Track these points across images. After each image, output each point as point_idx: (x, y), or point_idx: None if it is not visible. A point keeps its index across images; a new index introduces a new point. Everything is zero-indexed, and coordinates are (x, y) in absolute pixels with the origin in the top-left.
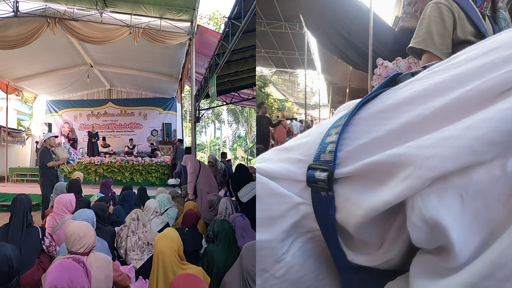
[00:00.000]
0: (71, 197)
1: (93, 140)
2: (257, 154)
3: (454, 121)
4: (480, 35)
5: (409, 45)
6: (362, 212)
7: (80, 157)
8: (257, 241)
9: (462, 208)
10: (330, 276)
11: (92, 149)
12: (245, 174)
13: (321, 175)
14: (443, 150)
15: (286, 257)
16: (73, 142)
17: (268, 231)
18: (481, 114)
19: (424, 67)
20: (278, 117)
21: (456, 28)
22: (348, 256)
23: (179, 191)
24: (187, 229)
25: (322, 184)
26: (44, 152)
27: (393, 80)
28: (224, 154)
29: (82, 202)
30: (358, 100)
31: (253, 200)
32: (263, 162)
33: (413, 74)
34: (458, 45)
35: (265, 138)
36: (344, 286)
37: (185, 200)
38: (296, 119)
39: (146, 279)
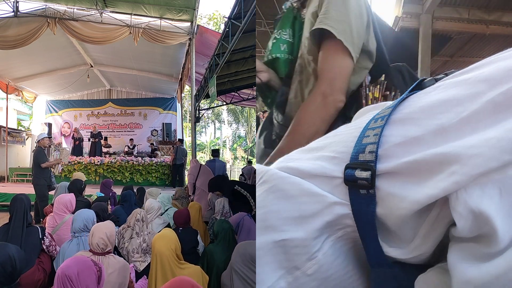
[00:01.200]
0: (71, 197)
1: (95, 140)
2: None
3: (488, 122)
4: None
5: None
6: (406, 205)
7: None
8: (288, 239)
9: (501, 199)
10: (356, 274)
11: (95, 149)
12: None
13: (362, 174)
14: (488, 150)
15: (318, 255)
16: (79, 142)
17: (301, 229)
18: None
19: (446, 74)
20: None
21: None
22: (384, 249)
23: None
24: (181, 228)
25: (363, 182)
26: (39, 152)
27: (419, 85)
28: (215, 152)
29: (82, 202)
30: (388, 103)
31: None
32: (291, 162)
33: (436, 80)
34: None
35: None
36: (377, 282)
37: (190, 199)
38: None
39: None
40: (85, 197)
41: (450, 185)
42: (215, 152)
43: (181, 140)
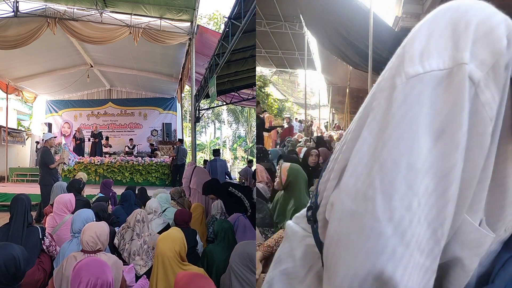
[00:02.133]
0: (71, 197)
1: (95, 140)
2: (257, 154)
3: None
4: None
5: None
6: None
7: (73, 163)
8: (286, 268)
9: None
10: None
11: (95, 149)
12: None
13: (308, 213)
14: None
15: (306, 278)
16: (80, 142)
17: (292, 261)
18: None
19: None
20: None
21: None
22: None
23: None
24: (180, 229)
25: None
26: (46, 152)
27: None
28: (216, 152)
29: (81, 202)
30: None
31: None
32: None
33: None
34: None
35: (260, 139)
36: None
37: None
38: (282, 127)
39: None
40: (85, 196)
41: None
42: (216, 152)
43: (181, 140)
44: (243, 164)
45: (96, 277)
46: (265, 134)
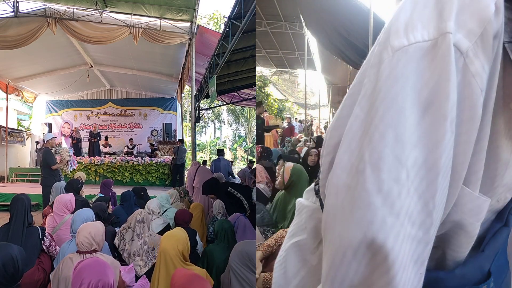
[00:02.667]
0: (71, 197)
1: (93, 140)
2: (261, 153)
3: None
4: None
5: None
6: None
7: (75, 166)
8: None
9: None
10: None
11: (93, 149)
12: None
13: (315, 187)
14: None
15: (317, 250)
16: (77, 142)
17: (305, 233)
18: None
19: None
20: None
21: None
22: None
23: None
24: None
25: (317, 191)
26: (48, 153)
27: None
28: (220, 151)
29: (79, 202)
30: None
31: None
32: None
33: None
34: None
35: (260, 139)
36: None
37: (187, 200)
38: (277, 126)
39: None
40: (85, 197)
41: None
42: (220, 152)
43: (182, 141)
44: (243, 164)
45: (97, 279)
46: (267, 134)
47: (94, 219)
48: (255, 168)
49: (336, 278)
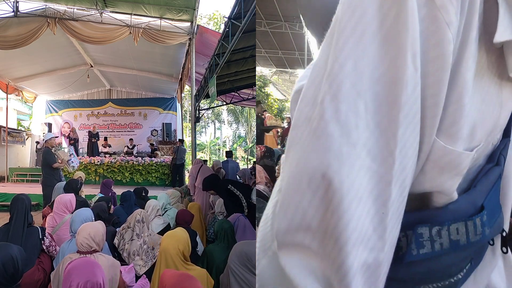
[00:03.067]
0: (71, 197)
1: (93, 140)
2: (265, 153)
3: None
4: None
5: None
6: None
7: (77, 165)
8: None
9: None
10: None
11: (92, 149)
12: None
13: None
14: None
15: None
16: (74, 142)
17: None
18: None
19: None
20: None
21: None
22: None
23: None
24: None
25: None
26: (48, 153)
27: None
28: (228, 153)
29: (78, 202)
30: None
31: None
32: None
33: None
34: None
35: (260, 138)
36: None
37: (187, 199)
38: (277, 127)
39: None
40: (84, 197)
41: None
42: (229, 153)
43: (182, 141)
44: (243, 164)
45: (85, 280)
46: (269, 134)
47: (93, 219)
48: (254, 168)
49: (289, 208)
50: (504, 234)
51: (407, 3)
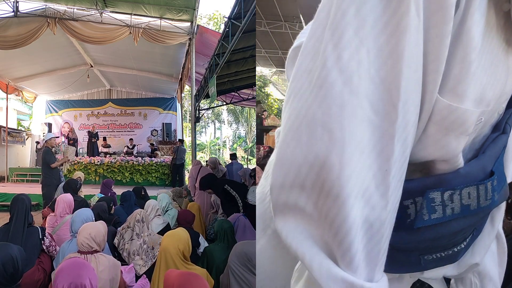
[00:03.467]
0: (70, 197)
1: (93, 140)
2: (268, 153)
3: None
4: None
5: None
6: None
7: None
8: None
9: None
10: None
11: (92, 149)
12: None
13: None
14: None
15: None
16: (73, 142)
17: None
18: None
19: None
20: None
21: None
22: None
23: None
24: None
25: None
26: (48, 153)
27: None
28: (233, 156)
29: (77, 202)
30: None
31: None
32: None
33: None
34: None
35: (260, 138)
36: None
37: (188, 199)
38: (276, 127)
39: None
40: (83, 197)
41: None
42: (233, 156)
43: (182, 141)
44: (244, 164)
45: (69, 282)
46: (270, 134)
47: (94, 219)
48: (254, 168)
49: (285, 162)
50: (510, 201)
51: None
